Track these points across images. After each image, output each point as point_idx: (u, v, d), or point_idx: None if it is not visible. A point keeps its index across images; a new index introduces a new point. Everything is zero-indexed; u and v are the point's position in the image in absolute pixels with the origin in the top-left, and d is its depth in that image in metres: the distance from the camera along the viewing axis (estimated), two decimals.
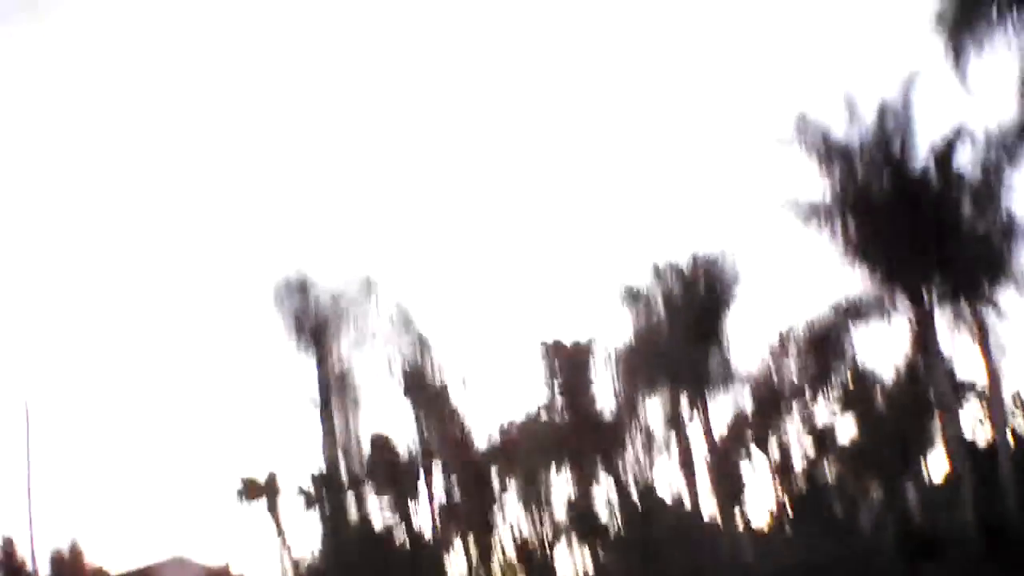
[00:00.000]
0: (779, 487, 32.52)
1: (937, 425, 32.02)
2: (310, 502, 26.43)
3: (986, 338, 26.31)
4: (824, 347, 28.00)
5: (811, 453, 32.78)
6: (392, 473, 27.13)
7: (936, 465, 35.32)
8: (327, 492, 26.25)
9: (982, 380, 34.48)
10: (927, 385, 29.90)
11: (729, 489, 31.24)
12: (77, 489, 79.12)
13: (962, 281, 25.89)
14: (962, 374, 33.31)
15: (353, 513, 27.76)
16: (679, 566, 22.89)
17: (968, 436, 29.32)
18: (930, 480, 35.50)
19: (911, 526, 30.56)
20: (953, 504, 30.87)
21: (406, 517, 26.71)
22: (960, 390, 33.96)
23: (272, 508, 27.39)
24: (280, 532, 27.38)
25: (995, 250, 26.14)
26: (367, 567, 25.44)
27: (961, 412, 30.35)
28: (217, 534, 65.13)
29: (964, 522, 24.83)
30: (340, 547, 25.73)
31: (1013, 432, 35.19)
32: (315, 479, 26.03)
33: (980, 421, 34.46)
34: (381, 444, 27.95)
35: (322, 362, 29.35)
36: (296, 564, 27.42)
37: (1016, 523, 23.67)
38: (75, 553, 39.96)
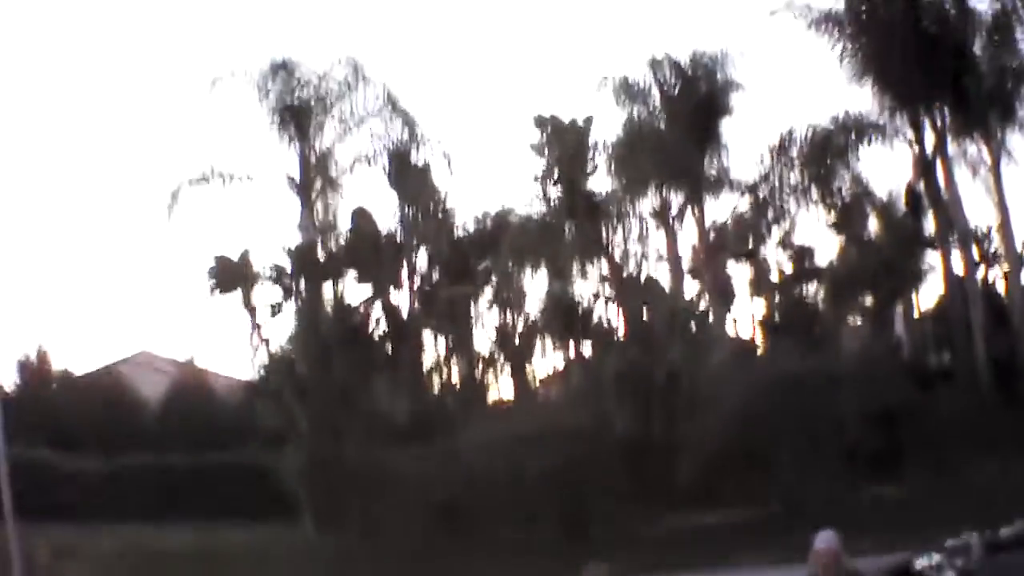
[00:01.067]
0: (767, 299, 32.13)
1: (929, 261, 31.92)
2: (284, 288, 25.30)
3: (999, 175, 25.95)
4: (822, 159, 27.42)
5: (801, 268, 32.34)
6: (371, 255, 26.22)
7: (925, 301, 35.40)
8: (303, 272, 25.42)
9: (982, 221, 34.79)
10: (923, 217, 29.75)
11: (720, 295, 30.88)
12: (43, 294, 78.70)
13: (973, 117, 25.55)
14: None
15: (329, 297, 27.28)
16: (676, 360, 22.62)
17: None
18: (920, 313, 35.42)
19: (917, 355, 30.35)
20: (945, 340, 30.87)
21: (385, 303, 25.85)
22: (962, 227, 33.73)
23: (246, 299, 26.11)
24: (254, 324, 26.30)
25: (1007, 91, 25.29)
26: (342, 352, 24.86)
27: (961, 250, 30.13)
28: (185, 331, 64.44)
29: (970, 356, 24.70)
30: (314, 331, 25.16)
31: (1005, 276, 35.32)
32: (291, 254, 24.85)
33: (984, 261, 34.28)
34: (362, 222, 27.06)
35: (304, 144, 28.13)
36: (271, 357, 26.47)
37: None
38: (41, 358, 39.43)
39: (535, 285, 27.50)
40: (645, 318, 22.68)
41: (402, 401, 24.70)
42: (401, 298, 27.72)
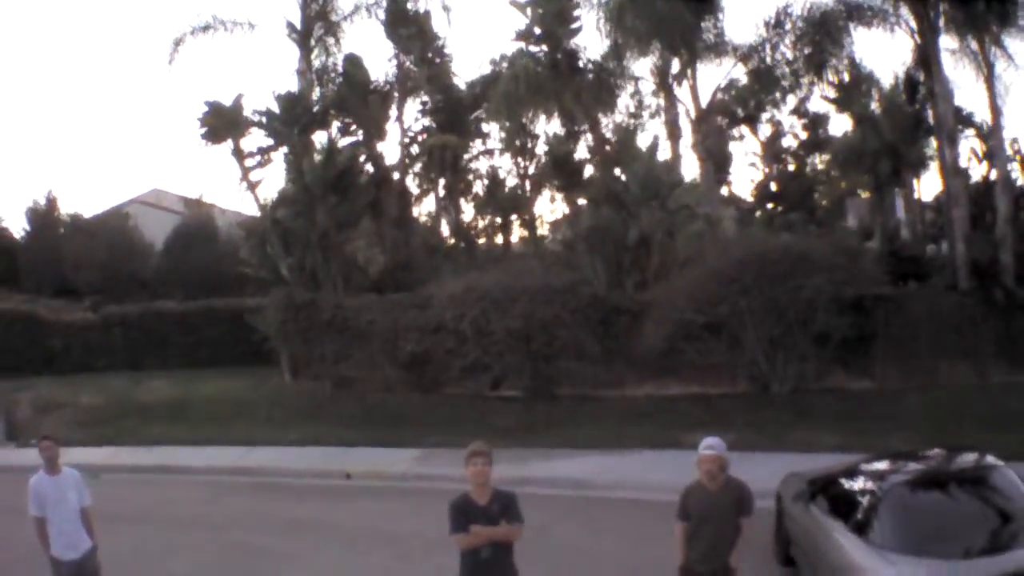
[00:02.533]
0: (765, 168, 31.25)
1: (930, 151, 30.82)
2: (273, 135, 24.82)
3: (992, 73, 24.59)
4: (821, 33, 26.17)
5: (801, 139, 31.39)
6: (359, 104, 25.51)
7: (927, 190, 34.33)
8: (290, 119, 24.76)
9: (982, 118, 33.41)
10: (924, 106, 28.53)
11: (715, 162, 29.99)
12: (58, 137, 79.37)
13: (971, 13, 24.05)
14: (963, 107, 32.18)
15: (318, 144, 26.83)
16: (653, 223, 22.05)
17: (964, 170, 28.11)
18: (920, 201, 34.63)
19: (899, 243, 29.80)
20: (941, 234, 30.10)
21: (370, 152, 25.30)
22: (959, 120, 32.48)
23: (236, 145, 25.68)
24: (244, 171, 25.89)
25: None
26: (324, 200, 24.42)
27: (960, 142, 29.09)
28: (197, 168, 64.39)
29: (953, 253, 24.20)
30: (299, 178, 24.58)
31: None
32: (280, 100, 24.30)
33: (977, 157, 33.19)
34: (352, 70, 26.03)
35: None
36: (259, 203, 26.26)
37: (1007, 263, 22.29)
38: (51, 203, 39.51)
39: (525, 140, 27.36)
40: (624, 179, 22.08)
41: (380, 250, 24.61)
42: (391, 148, 27.77)
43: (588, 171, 27.24)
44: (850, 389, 21.30)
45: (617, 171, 23.16)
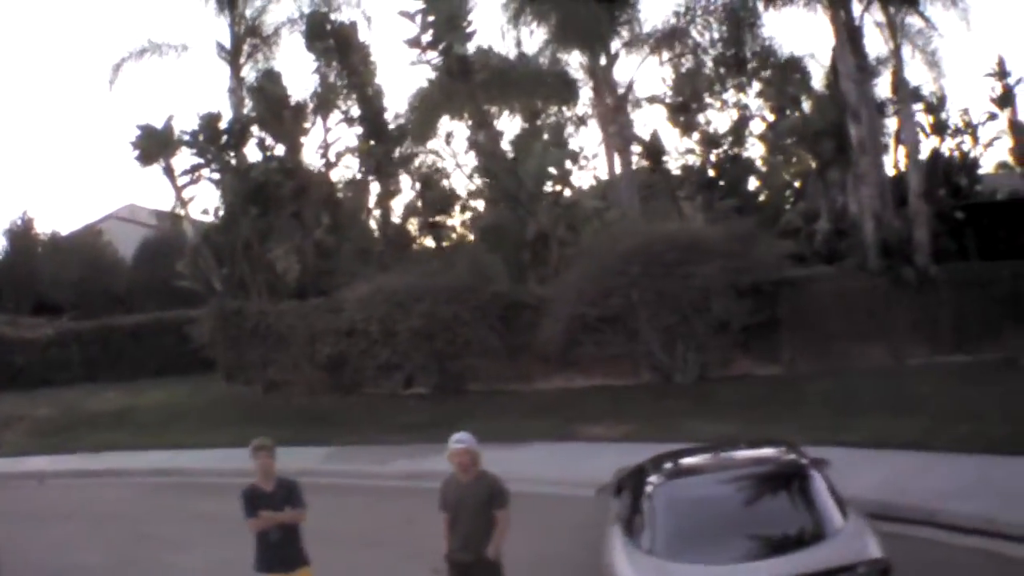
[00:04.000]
0: (702, 155, 30.70)
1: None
2: (200, 154, 25.37)
3: (899, 49, 22.85)
4: (731, 19, 24.71)
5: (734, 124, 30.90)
6: (274, 118, 25.34)
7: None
8: (211, 138, 24.60)
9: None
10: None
11: (648, 153, 29.77)
12: (32, 159, 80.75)
13: None
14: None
15: (247, 159, 27.08)
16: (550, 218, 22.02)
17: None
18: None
19: (845, 221, 29.33)
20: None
21: (285, 164, 25.50)
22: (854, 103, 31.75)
23: (168, 165, 26.28)
24: (176, 189, 26.50)
25: None
26: (245, 213, 24.85)
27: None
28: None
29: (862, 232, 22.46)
30: (226, 194, 24.46)
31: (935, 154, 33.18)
32: (201, 120, 24.80)
33: (924, 131, 32.49)
34: (268, 85, 25.23)
35: (234, 12, 26.77)
36: (189, 220, 26.82)
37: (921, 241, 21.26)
38: (27, 223, 38.81)
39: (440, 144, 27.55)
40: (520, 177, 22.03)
41: (297, 258, 25.07)
42: (313, 158, 28.04)
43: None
44: (757, 376, 20.52)
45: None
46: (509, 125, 25.92)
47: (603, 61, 24.97)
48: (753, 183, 32.14)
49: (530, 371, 21.99)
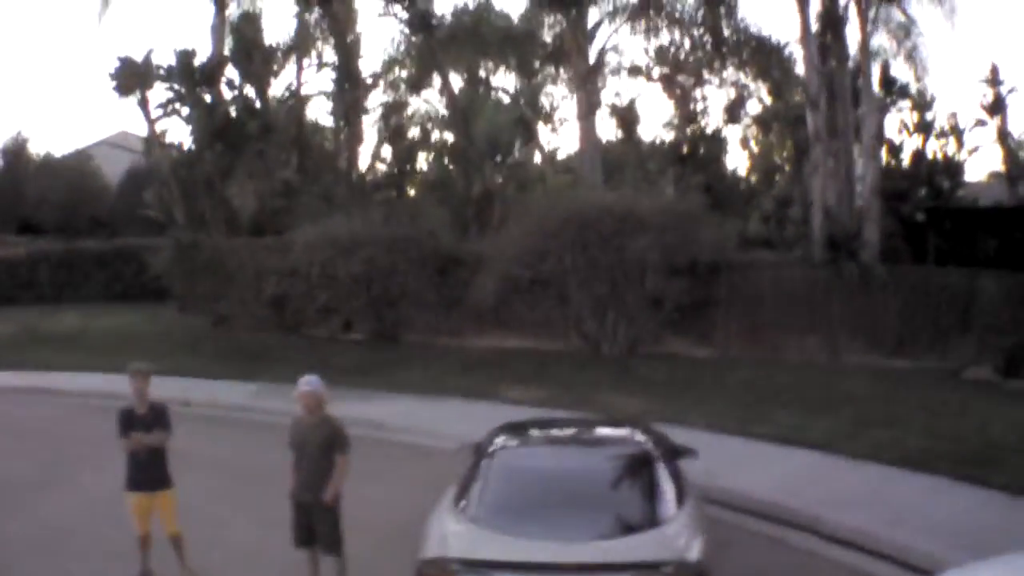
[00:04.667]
0: (677, 129, 30.45)
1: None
2: (174, 89, 25.53)
3: (866, 40, 22.34)
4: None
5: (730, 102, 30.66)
6: (246, 59, 25.81)
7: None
8: (185, 74, 25.02)
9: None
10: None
11: (622, 122, 29.60)
12: (29, 79, 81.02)
13: None
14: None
15: (221, 96, 27.07)
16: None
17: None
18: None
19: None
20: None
21: (251, 103, 25.68)
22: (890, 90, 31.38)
23: (143, 97, 26.60)
24: (149, 121, 26.83)
25: None
26: (211, 149, 25.24)
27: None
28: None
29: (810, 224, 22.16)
30: (198, 129, 24.63)
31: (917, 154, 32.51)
32: (177, 56, 25.09)
33: (907, 129, 32.05)
34: (245, 27, 24.94)
35: None
36: (161, 151, 27.15)
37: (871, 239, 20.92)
38: (21, 143, 39.54)
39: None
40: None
41: (256, 195, 25.36)
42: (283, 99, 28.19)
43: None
44: (687, 356, 20.16)
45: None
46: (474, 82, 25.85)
47: (578, 25, 24.81)
48: (745, 162, 32.16)
49: (463, 327, 21.55)
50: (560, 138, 25.05)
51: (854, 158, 22.95)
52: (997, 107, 36.21)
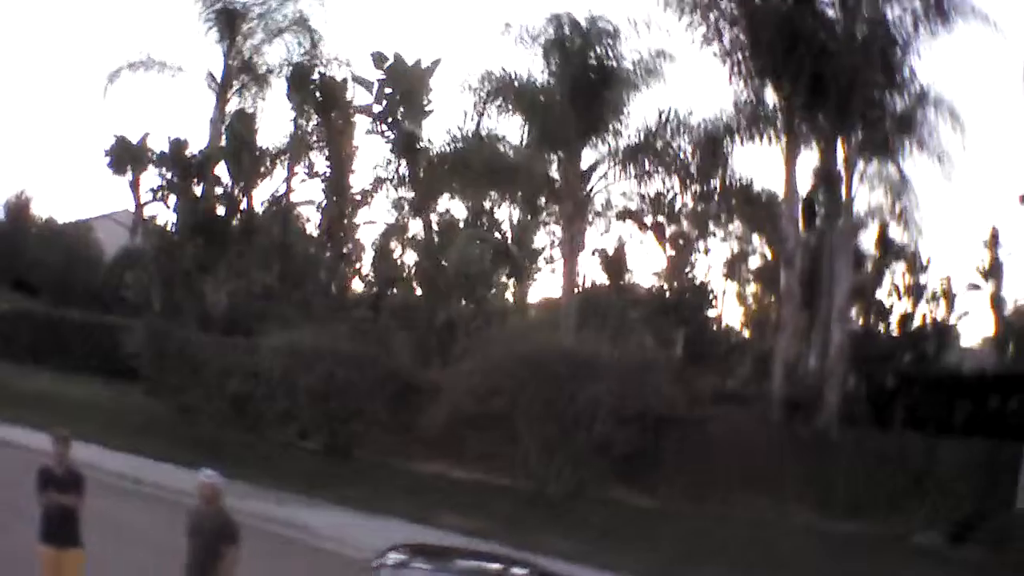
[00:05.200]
0: (661, 275, 30.78)
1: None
2: (164, 176, 26.36)
3: (850, 200, 22.25)
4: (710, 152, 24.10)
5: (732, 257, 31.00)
6: (235, 158, 26.02)
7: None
8: (176, 164, 26.08)
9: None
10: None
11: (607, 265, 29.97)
12: (42, 148, 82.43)
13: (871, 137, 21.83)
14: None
15: (212, 191, 28.08)
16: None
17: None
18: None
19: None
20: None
21: (237, 203, 26.47)
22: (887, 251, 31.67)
23: (135, 179, 27.43)
24: (138, 204, 27.68)
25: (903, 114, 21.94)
26: (191, 242, 26.11)
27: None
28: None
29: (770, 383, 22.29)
30: (183, 219, 26.27)
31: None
32: (170, 144, 25.98)
33: (898, 293, 32.10)
34: (240, 125, 26.50)
35: (231, 46, 29.00)
36: (147, 236, 27.83)
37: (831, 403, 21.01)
38: (24, 202, 40.47)
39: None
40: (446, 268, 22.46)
41: (225, 294, 25.74)
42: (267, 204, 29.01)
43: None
44: (629, 504, 20.25)
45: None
46: (455, 210, 26.45)
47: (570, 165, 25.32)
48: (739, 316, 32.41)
49: (414, 451, 21.82)
50: (550, 276, 25.88)
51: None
52: (994, 271, 36.45)
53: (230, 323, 25.47)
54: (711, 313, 32.14)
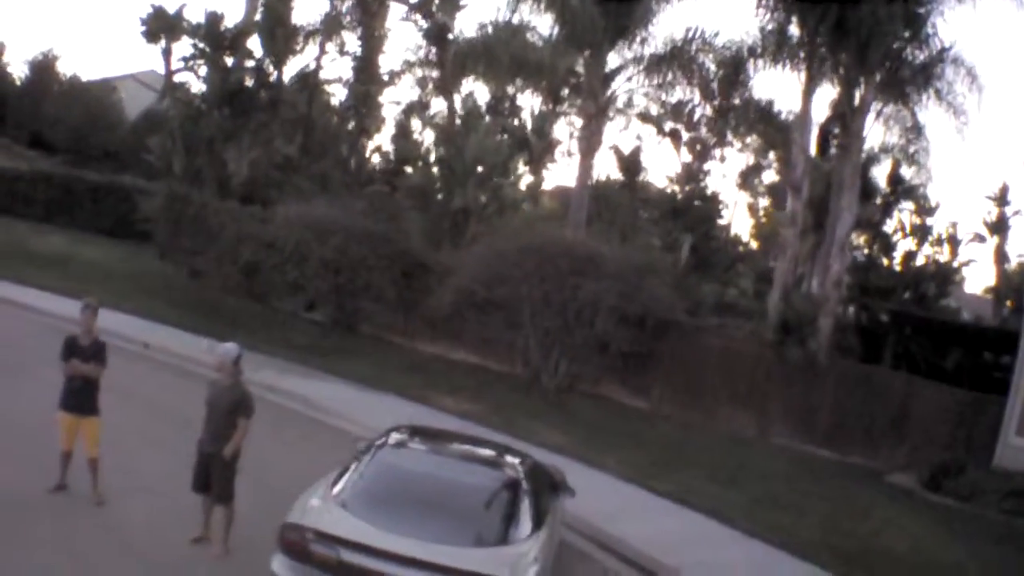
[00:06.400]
0: (678, 177, 31.34)
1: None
2: (197, 47, 26.62)
3: (860, 134, 22.46)
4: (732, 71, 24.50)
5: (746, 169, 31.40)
6: (269, 33, 26.49)
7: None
8: (209, 36, 25.59)
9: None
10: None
11: (623, 164, 30.35)
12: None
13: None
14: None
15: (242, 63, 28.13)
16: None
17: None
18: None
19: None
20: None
21: (265, 77, 26.88)
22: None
23: (168, 48, 27.69)
24: (168, 72, 28.01)
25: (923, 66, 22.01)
26: (219, 111, 26.40)
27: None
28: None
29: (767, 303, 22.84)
30: (212, 88, 26.06)
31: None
32: (206, 16, 26.15)
33: (903, 231, 32.59)
34: (276, 2, 27.64)
35: None
36: (175, 103, 28.11)
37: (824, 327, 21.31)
38: (49, 60, 40.25)
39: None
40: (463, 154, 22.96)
41: (250, 164, 26.35)
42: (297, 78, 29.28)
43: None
44: (620, 403, 20.85)
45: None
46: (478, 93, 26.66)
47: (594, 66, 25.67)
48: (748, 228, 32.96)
49: (417, 330, 22.40)
50: (565, 168, 25.89)
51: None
52: (1000, 226, 37.06)
53: (249, 192, 26.04)
54: (719, 223, 32.61)
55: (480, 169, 22.17)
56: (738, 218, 30.83)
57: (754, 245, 35.83)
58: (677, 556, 11.50)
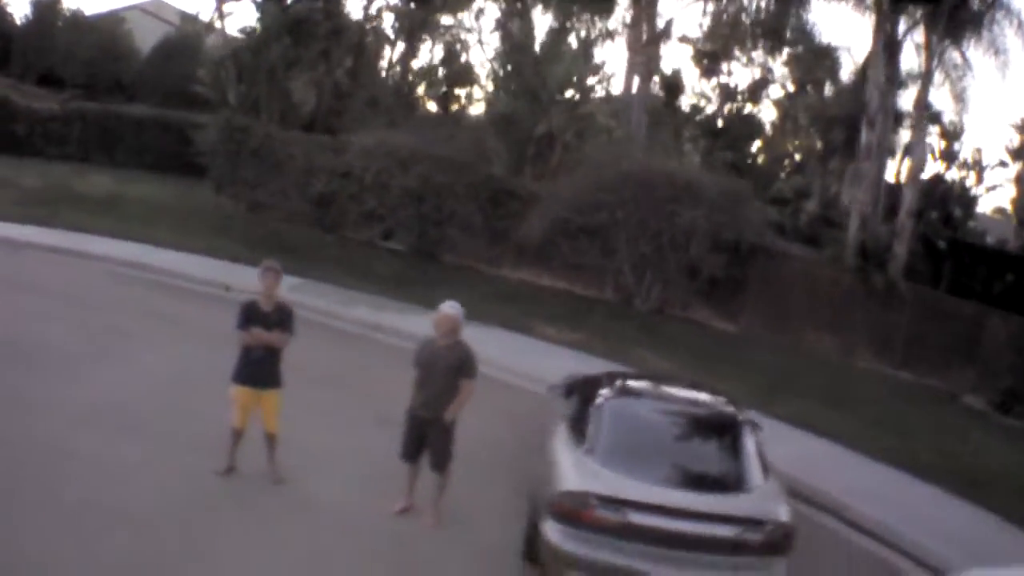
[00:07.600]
0: (719, 104, 31.65)
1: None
2: None
3: (929, 74, 23.42)
4: None
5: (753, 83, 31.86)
6: None
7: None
8: None
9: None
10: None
11: (666, 87, 30.51)
12: None
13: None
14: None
15: None
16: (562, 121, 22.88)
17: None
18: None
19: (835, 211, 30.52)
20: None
21: (332, 9, 26.02)
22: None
23: None
24: (219, 5, 27.03)
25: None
26: (279, 42, 25.07)
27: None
28: None
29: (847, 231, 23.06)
30: (267, 18, 25.20)
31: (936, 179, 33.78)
32: None
33: (933, 155, 33.48)
34: None
35: None
36: (224, 33, 27.38)
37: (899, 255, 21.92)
38: None
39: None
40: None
41: (316, 93, 25.93)
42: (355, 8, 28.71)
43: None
44: (711, 327, 21.03)
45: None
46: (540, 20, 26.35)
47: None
48: (756, 144, 33.40)
49: (502, 257, 22.31)
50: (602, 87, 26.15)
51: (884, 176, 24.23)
52: (1022, 152, 37.97)
53: (310, 123, 25.62)
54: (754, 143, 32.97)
55: (567, 94, 21.90)
56: (775, 142, 31.37)
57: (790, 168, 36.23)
58: (819, 479, 11.89)
